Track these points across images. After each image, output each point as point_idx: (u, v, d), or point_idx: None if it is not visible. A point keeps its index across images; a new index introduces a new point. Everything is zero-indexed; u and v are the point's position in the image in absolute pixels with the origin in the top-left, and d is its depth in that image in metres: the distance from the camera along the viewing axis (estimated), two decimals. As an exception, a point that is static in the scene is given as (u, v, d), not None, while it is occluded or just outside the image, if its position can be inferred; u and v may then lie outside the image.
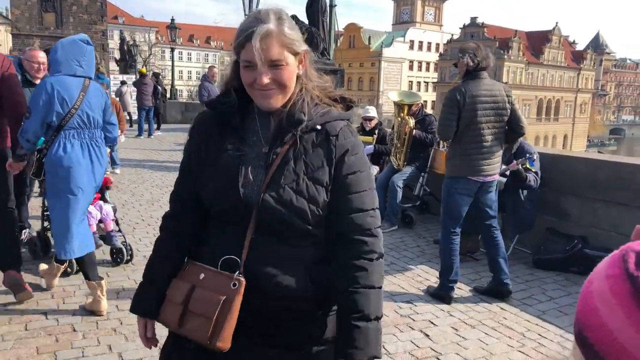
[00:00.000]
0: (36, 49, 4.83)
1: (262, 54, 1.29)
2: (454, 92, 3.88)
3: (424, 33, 73.18)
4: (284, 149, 1.36)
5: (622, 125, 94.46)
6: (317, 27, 13.57)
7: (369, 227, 1.41)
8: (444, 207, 4.10)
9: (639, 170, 4.46)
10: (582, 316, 0.67)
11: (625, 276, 0.63)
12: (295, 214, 1.34)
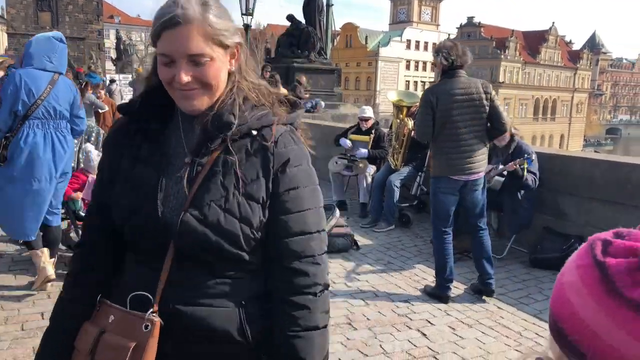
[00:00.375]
0: None
1: (181, 46, 1.08)
2: (427, 93, 3.92)
3: (421, 33, 73.20)
4: (211, 158, 1.15)
5: (618, 125, 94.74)
6: (314, 26, 13.58)
7: (312, 253, 1.19)
8: (432, 207, 4.12)
9: (635, 170, 4.47)
10: (556, 308, 0.68)
11: (593, 264, 0.64)
12: (224, 237, 1.11)
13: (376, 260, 4.92)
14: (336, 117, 11.81)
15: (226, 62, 1.16)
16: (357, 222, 6.09)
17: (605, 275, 0.62)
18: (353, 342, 3.31)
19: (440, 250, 4.03)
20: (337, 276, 4.45)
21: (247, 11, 15.09)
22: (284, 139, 1.20)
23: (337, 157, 6.86)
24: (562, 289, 0.68)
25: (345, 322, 3.59)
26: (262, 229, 1.16)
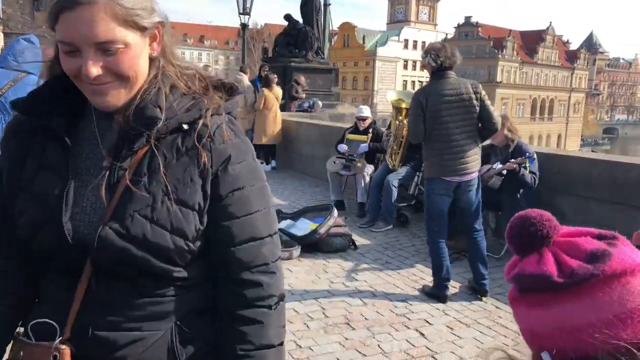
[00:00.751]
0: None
1: (85, 32, 0.89)
2: (417, 95, 3.95)
3: (419, 32, 73.23)
4: (134, 160, 0.97)
5: (615, 125, 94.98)
6: (312, 25, 13.57)
7: (265, 260, 1.06)
8: (425, 209, 4.12)
9: (632, 169, 4.48)
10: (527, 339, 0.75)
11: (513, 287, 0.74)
12: (152, 252, 0.95)
13: (374, 260, 4.92)
14: (334, 117, 11.81)
15: (145, 47, 0.98)
16: (355, 222, 6.09)
17: (515, 287, 0.72)
18: (351, 341, 3.31)
19: (436, 251, 4.03)
20: (335, 276, 4.45)
21: (244, 10, 15.07)
22: (222, 132, 1.02)
23: (335, 156, 6.86)
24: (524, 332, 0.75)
25: (343, 322, 3.59)
26: (200, 238, 1.01)
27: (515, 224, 0.74)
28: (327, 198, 7.13)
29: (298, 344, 3.26)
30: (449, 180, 3.89)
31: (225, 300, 1.06)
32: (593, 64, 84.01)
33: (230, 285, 1.04)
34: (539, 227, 0.72)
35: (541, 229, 0.72)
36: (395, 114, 6.26)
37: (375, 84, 67.79)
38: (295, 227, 5.33)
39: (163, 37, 1.02)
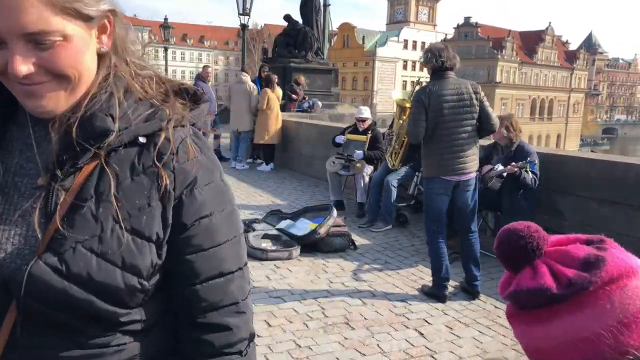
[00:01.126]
0: None
1: (10, 19, 0.72)
2: (419, 94, 3.93)
3: (418, 33, 73.25)
4: (79, 179, 0.79)
5: (614, 125, 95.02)
6: (311, 26, 13.57)
7: (234, 300, 0.89)
8: (424, 208, 4.14)
9: (631, 169, 4.49)
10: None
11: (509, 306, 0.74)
12: (97, 293, 0.77)
13: (373, 260, 4.93)
14: (333, 117, 11.81)
15: (92, 41, 0.81)
16: (354, 222, 6.10)
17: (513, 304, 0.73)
18: (350, 341, 3.32)
19: (435, 251, 4.04)
20: (334, 276, 4.46)
21: (244, 11, 15.08)
22: (187, 148, 0.85)
23: (335, 157, 6.87)
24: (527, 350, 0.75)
25: (342, 321, 3.60)
26: (158, 273, 0.83)
27: (503, 239, 0.72)
28: (327, 198, 7.14)
29: (297, 343, 3.27)
30: (448, 180, 3.91)
31: (186, 348, 0.88)
32: (592, 64, 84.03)
33: (194, 331, 0.87)
34: (528, 239, 0.70)
35: (530, 241, 0.70)
36: (399, 113, 6.26)
37: (374, 84, 67.81)
38: (295, 227, 5.34)
39: (115, 28, 0.84)
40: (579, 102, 77.69)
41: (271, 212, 6.07)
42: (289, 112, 11.33)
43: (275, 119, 9.43)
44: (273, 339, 3.30)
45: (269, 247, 4.95)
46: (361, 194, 6.54)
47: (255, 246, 4.86)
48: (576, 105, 76.88)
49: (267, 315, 3.64)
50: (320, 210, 5.55)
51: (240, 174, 9.14)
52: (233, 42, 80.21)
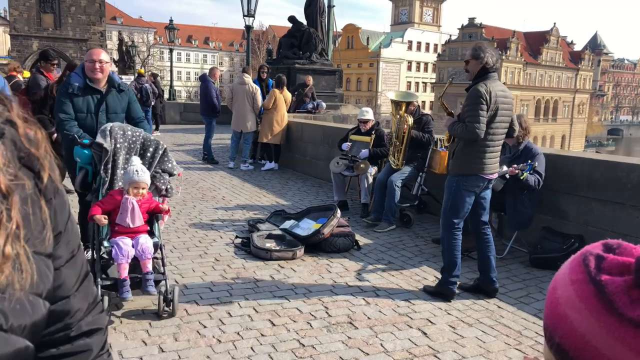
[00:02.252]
0: (97, 48, 4.60)
1: None
2: (479, 90, 3.81)
3: (422, 34, 73.20)
4: None
5: (620, 126, 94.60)
6: (316, 27, 13.61)
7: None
8: (449, 204, 4.08)
9: (634, 170, 4.49)
10: (553, 324, 0.70)
11: (589, 280, 0.66)
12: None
13: (377, 260, 4.95)
14: (337, 118, 11.84)
15: None
16: (358, 222, 6.12)
17: (602, 293, 0.64)
18: (354, 340, 3.34)
19: (451, 247, 4.05)
20: (338, 276, 4.48)
21: (248, 12, 15.13)
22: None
23: (339, 157, 6.90)
24: (557, 304, 0.69)
25: (346, 321, 3.62)
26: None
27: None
28: (331, 198, 7.16)
29: (301, 342, 3.29)
30: (485, 177, 3.98)
31: None
32: (597, 64, 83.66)
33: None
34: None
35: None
36: (395, 108, 6.29)
37: (379, 85, 67.74)
38: (299, 227, 5.36)
39: None
40: (584, 103, 77.37)
41: (275, 212, 6.10)
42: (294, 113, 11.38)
43: (281, 119, 9.46)
44: (277, 338, 3.32)
45: (273, 247, 4.98)
46: (365, 194, 6.56)
47: (259, 246, 4.89)
48: (581, 106, 76.57)
49: (271, 314, 3.67)
50: (324, 211, 5.58)
51: (245, 175, 9.18)
52: (238, 44, 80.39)
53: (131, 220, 3.53)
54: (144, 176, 3.60)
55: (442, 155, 6.09)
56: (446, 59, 67.28)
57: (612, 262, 0.67)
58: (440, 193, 6.12)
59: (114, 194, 3.60)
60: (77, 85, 4.15)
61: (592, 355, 0.64)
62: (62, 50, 32.60)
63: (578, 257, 0.70)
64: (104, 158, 3.76)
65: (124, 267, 3.42)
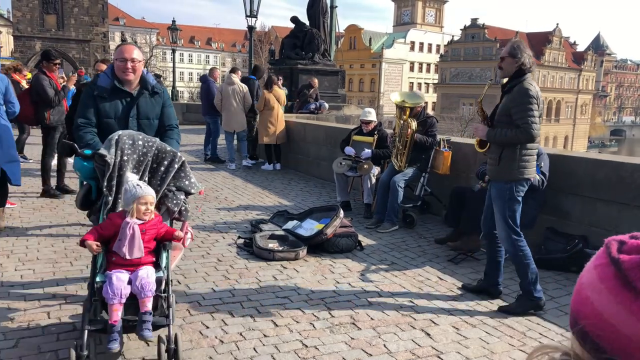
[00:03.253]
0: (129, 44, 3.91)
1: None
2: (529, 89, 3.67)
3: (425, 34, 73.15)
4: None
5: (622, 126, 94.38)
6: (318, 28, 13.60)
7: None
8: (507, 214, 3.83)
9: (638, 170, 4.47)
10: (576, 307, 0.72)
11: (609, 262, 0.68)
12: None
13: (380, 260, 4.93)
14: (340, 119, 11.83)
15: None
16: (361, 223, 6.10)
17: (619, 270, 0.66)
18: (357, 341, 3.33)
19: (526, 256, 3.86)
20: (340, 276, 4.47)
21: (251, 13, 15.13)
22: None
23: (342, 158, 6.89)
24: (581, 289, 0.72)
25: (349, 321, 3.61)
26: None
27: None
28: (334, 199, 7.15)
29: (304, 343, 3.28)
30: (530, 180, 3.89)
31: None
32: (600, 65, 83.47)
33: None
34: None
35: None
36: (399, 113, 6.26)
37: (381, 85, 67.73)
38: (302, 228, 5.36)
39: None
40: (587, 104, 77.19)
41: (278, 212, 6.09)
42: (296, 113, 11.37)
43: (275, 119, 9.45)
44: (280, 338, 3.31)
45: (275, 247, 4.97)
46: (368, 194, 6.55)
47: (262, 247, 4.88)
48: (584, 107, 76.39)
49: (274, 315, 3.66)
50: (326, 211, 5.57)
51: (247, 175, 9.18)
52: (240, 44, 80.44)
53: (128, 250, 2.90)
54: (148, 188, 3.06)
55: (446, 156, 6.07)
56: (449, 59, 67.21)
57: (633, 245, 0.70)
58: (443, 193, 6.12)
59: (113, 217, 3.02)
60: (103, 87, 3.66)
61: (610, 333, 0.66)
62: (65, 51, 32.68)
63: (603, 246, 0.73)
64: (107, 172, 3.15)
65: (115, 309, 2.77)
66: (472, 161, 6.02)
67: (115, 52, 3.74)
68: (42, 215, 6.00)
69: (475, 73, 63.89)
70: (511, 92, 3.77)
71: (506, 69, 3.80)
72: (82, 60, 33.16)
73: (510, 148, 3.79)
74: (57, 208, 6.35)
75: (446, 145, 6.20)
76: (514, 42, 3.87)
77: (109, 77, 3.69)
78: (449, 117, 48.06)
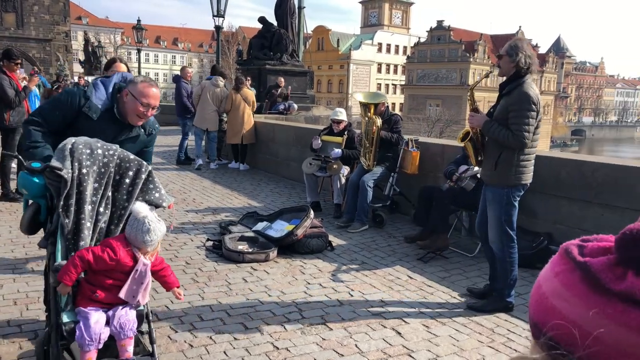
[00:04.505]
0: (153, 85, 3.10)
1: None
2: (530, 94, 3.57)
3: (392, 36, 73.90)
4: None
5: (583, 127, 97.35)
6: (286, 28, 13.55)
7: None
8: (503, 218, 3.79)
9: (599, 169, 4.60)
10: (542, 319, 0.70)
11: (574, 266, 0.67)
12: None
13: (350, 260, 4.94)
14: (309, 119, 11.82)
15: None
16: (331, 223, 6.10)
17: (588, 273, 0.65)
18: (328, 342, 3.32)
19: (513, 261, 3.85)
20: (311, 277, 4.45)
21: (218, 13, 14.98)
22: None
23: (311, 158, 6.87)
24: (543, 298, 0.70)
25: (320, 322, 3.59)
26: None
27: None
28: (304, 199, 7.13)
29: (275, 345, 3.25)
30: (527, 185, 3.82)
31: None
32: (561, 67, 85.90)
33: None
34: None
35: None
36: (364, 111, 6.31)
37: (349, 87, 68.06)
38: (272, 229, 5.32)
39: None
40: (549, 105, 79.30)
41: (247, 214, 6.04)
42: (265, 113, 11.30)
43: (242, 119, 9.47)
44: (250, 341, 3.27)
45: (245, 249, 4.92)
46: (338, 195, 6.56)
47: (231, 248, 4.82)
48: (546, 107, 78.37)
49: (244, 317, 3.62)
50: (297, 212, 5.54)
51: (216, 176, 9.07)
52: (207, 45, 79.62)
53: (142, 297, 2.50)
54: (157, 235, 2.52)
55: (414, 156, 6.14)
56: (415, 61, 68.05)
57: (594, 247, 0.68)
58: (412, 193, 6.18)
59: (123, 257, 2.44)
60: (98, 107, 3.00)
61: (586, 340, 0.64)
62: (25, 50, 31.63)
63: (558, 252, 0.71)
64: (63, 190, 2.54)
65: (90, 357, 2.33)
66: (440, 161, 6.11)
67: (137, 89, 2.98)
68: (2, 220, 5.79)
69: (442, 74, 64.87)
70: (510, 94, 3.68)
71: (503, 68, 3.72)
72: (43, 60, 32.21)
73: (508, 152, 3.68)
74: (17, 212, 6.13)
75: (414, 145, 6.26)
76: (513, 40, 3.77)
77: (108, 99, 3.04)
78: (416, 118, 48.69)
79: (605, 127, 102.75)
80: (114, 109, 3.01)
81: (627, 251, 0.65)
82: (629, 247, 0.65)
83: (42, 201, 2.66)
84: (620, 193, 4.39)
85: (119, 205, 2.70)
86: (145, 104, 2.97)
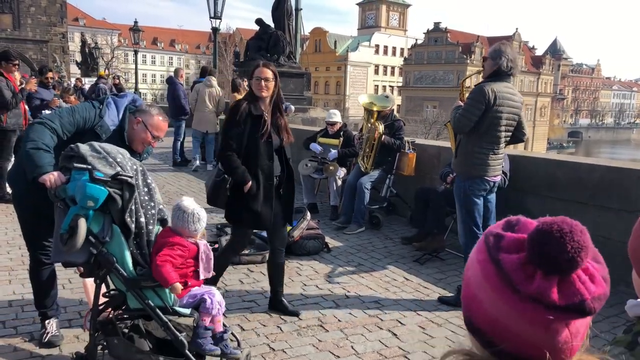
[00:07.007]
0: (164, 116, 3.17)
1: None
2: (483, 89, 3.81)
3: (389, 38, 74.02)
4: None
5: (579, 129, 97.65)
6: (283, 30, 13.56)
7: None
8: (463, 211, 4.02)
9: (595, 170, 4.62)
10: (467, 305, 0.75)
11: (490, 260, 0.71)
12: None
13: (347, 262, 4.94)
14: (306, 121, 11.83)
15: None
16: (328, 225, 6.11)
17: (501, 271, 0.69)
18: (324, 343, 3.32)
19: None
20: (308, 278, 4.46)
21: (215, 14, 14.98)
22: None
23: (308, 159, 6.88)
24: (468, 284, 0.74)
25: (316, 324, 3.60)
26: None
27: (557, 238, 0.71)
28: (300, 201, 7.13)
29: (271, 347, 3.25)
30: (490, 180, 3.98)
31: None
32: (557, 69, 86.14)
33: None
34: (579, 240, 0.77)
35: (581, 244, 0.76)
36: (367, 116, 6.31)
37: (346, 88, 68.15)
38: (268, 231, 5.31)
39: None
40: (546, 106, 79.54)
41: (244, 216, 6.02)
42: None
43: None
44: (247, 343, 3.27)
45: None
46: (334, 196, 6.56)
47: (228, 250, 4.81)
48: (543, 109, 78.67)
49: (241, 319, 3.62)
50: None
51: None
52: (204, 46, 79.58)
53: (207, 271, 2.80)
54: (205, 221, 2.90)
55: (410, 158, 6.15)
56: (412, 62, 68.15)
57: (509, 240, 0.72)
58: (409, 195, 6.18)
59: (186, 244, 2.70)
60: (110, 129, 3.01)
61: (502, 331, 0.70)
62: (22, 51, 31.56)
63: (482, 237, 0.75)
64: (132, 197, 2.59)
65: (219, 319, 2.79)
66: (436, 162, 6.12)
67: (153, 121, 3.04)
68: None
69: (439, 76, 64.96)
70: None
71: (486, 70, 3.94)
72: (40, 61, 32.14)
73: (463, 140, 3.96)
74: (12, 214, 6.11)
75: (411, 147, 6.27)
76: (498, 44, 3.96)
77: (118, 121, 3.05)
78: (413, 120, 48.73)
79: (602, 129, 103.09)
80: (124, 133, 3.01)
81: (537, 249, 0.70)
82: (539, 246, 0.70)
83: (91, 212, 2.54)
84: (616, 195, 4.40)
85: (147, 206, 2.74)
86: (156, 137, 3.05)
